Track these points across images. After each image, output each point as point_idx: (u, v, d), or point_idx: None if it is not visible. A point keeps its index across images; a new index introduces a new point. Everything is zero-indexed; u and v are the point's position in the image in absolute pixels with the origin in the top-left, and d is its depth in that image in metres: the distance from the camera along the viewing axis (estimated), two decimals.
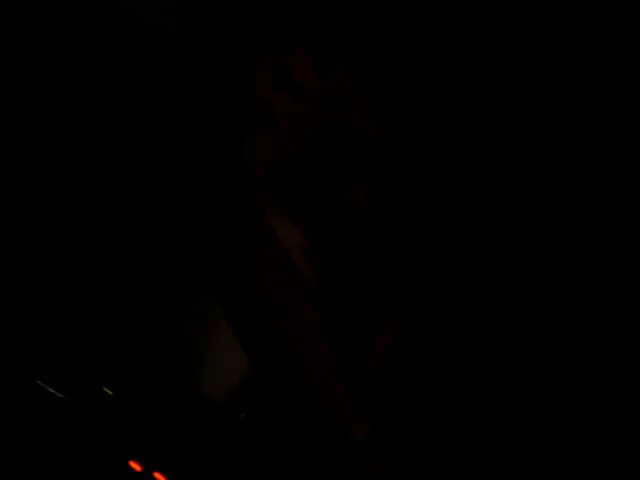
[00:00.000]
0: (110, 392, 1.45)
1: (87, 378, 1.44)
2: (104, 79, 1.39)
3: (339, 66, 1.66)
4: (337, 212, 1.82)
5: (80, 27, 1.43)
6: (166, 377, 1.47)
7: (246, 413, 1.59)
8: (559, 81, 2.21)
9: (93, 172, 1.37)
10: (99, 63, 1.39)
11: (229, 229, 1.26)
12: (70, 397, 1.42)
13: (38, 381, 1.41)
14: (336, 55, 1.62)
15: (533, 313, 2.27)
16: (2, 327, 1.40)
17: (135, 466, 1.45)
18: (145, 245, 1.44)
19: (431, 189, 2.40)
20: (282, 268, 1.28)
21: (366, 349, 1.73)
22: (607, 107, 2.17)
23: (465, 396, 2.26)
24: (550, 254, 2.27)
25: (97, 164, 1.37)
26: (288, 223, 1.81)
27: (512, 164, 2.31)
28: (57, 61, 1.40)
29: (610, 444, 2.11)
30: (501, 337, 2.29)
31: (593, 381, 2.18)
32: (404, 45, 2.44)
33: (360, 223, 1.83)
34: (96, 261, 1.43)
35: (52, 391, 1.42)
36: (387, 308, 1.77)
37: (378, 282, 1.79)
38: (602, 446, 2.11)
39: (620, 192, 2.17)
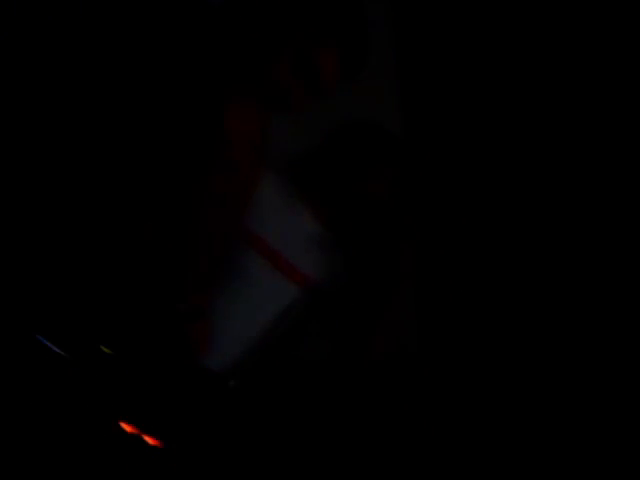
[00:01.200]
0: (108, 350, 1.48)
1: (86, 335, 1.47)
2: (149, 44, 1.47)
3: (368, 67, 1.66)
4: (356, 205, 1.85)
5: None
6: (162, 341, 1.50)
7: (236, 381, 1.61)
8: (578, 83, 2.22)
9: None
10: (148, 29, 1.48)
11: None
12: (68, 354, 1.46)
13: (39, 336, 1.45)
14: (365, 60, 1.60)
15: (537, 313, 2.26)
16: (4, 282, 1.45)
17: (126, 427, 1.48)
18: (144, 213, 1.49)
19: (448, 185, 2.41)
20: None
21: (370, 336, 1.76)
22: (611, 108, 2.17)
23: (465, 396, 2.25)
24: (557, 257, 2.26)
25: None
26: (308, 212, 1.84)
27: (530, 162, 2.31)
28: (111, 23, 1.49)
29: (610, 444, 2.08)
30: (504, 335, 2.28)
31: (593, 381, 2.16)
32: (434, 46, 2.47)
33: (378, 216, 1.85)
34: (98, 221, 1.48)
35: (51, 346, 1.46)
36: (395, 297, 1.79)
37: (390, 273, 1.81)
38: (602, 446, 2.08)
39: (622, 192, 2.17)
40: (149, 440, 1.48)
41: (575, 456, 2.12)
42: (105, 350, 1.48)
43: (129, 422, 1.47)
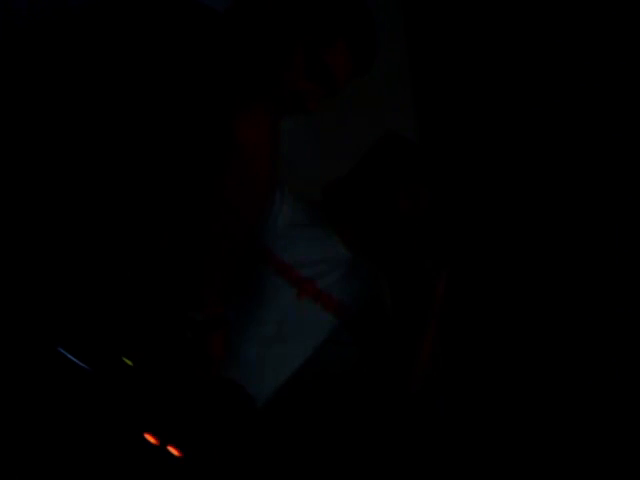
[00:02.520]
0: (130, 362, 1.47)
1: (108, 347, 1.46)
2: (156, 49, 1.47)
3: (379, 63, 1.66)
4: (387, 226, 1.79)
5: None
6: (185, 350, 1.48)
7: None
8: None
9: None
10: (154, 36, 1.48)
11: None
12: (91, 365, 1.45)
13: (60, 349, 1.44)
14: (375, 53, 1.60)
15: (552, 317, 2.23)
16: (26, 294, 1.45)
17: (150, 439, 1.46)
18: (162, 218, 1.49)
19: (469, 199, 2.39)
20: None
21: (409, 361, 1.72)
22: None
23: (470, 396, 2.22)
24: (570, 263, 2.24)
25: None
26: (338, 237, 1.81)
27: (547, 169, 2.29)
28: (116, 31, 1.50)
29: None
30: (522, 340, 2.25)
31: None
32: (449, 47, 2.45)
33: (410, 238, 1.81)
34: (118, 234, 1.48)
35: (73, 359, 1.45)
36: (432, 323, 1.75)
37: (425, 298, 1.77)
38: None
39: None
40: (174, 451, 1.46)
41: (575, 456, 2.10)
42: (127, 362, 1.47)
43: (154, 434, 1.46)
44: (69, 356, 1.44)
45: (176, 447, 1.45)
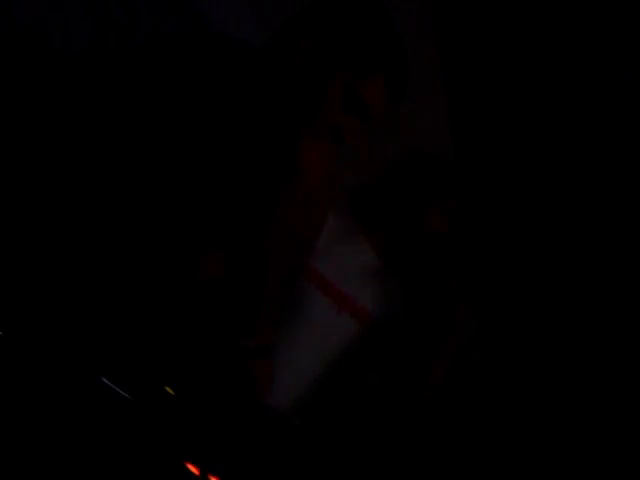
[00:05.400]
0: (171, 392, 1.48)
1: (150, 377, 1.47)
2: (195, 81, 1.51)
3: (413, 90, 1.68)
4: (416, 240, 1.82)
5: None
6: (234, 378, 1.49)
7: (302, 419, 1.60)
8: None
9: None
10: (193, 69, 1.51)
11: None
12: (133, 395, 1.46)
13: (103, 379, 1.45)
14: (407, 83, 1.63)
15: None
16: (70, 326, 1.46)
17: (192, 468, 1.47)
18: (203, 248, 1.50)
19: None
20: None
21: (422, 373, 1.72)
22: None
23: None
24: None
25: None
26: (368, 245, 1.83)
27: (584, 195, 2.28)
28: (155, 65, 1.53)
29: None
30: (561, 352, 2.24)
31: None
32: (483, 69, 2.45)
33: (436, 252, 1.82)
34: (159, 262, 1.49)
35: (116, 389, 1.46)
36: (450, 338, 1.75)
37: (445, 311, 1.77)
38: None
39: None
40: None
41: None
42: (169, 391, 1.48)
43: (195, 463, 1.46)
44: (112, 386, 1.46)
45: (217, 477, 1.46)
